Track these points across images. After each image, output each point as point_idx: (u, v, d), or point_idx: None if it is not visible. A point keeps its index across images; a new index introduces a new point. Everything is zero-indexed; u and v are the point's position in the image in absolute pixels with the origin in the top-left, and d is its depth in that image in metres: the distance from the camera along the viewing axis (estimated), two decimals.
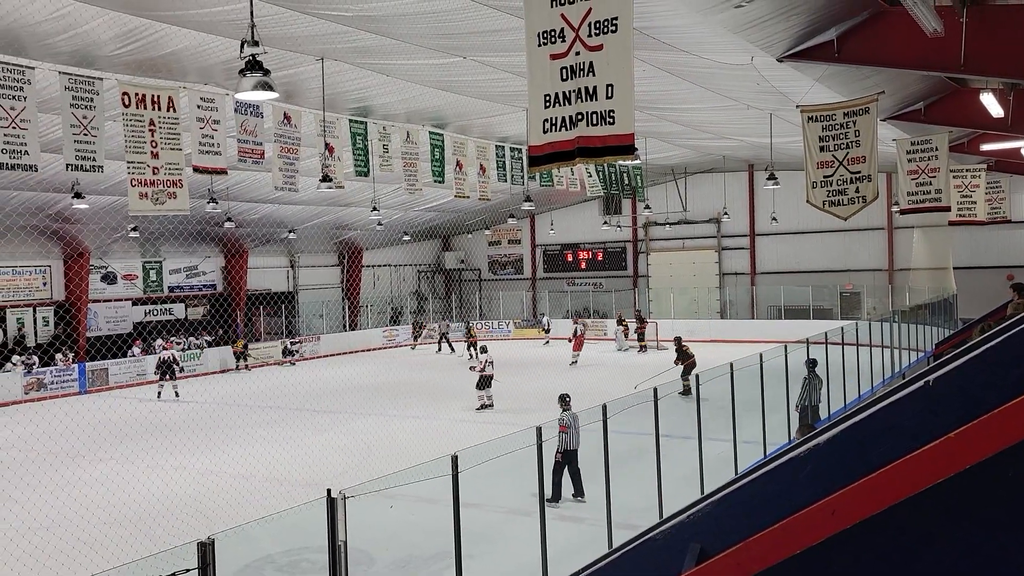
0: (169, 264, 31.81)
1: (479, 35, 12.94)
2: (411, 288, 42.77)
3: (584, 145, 6.21)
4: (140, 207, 13.33)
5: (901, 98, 15.92)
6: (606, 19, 6.01)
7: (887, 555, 2.35)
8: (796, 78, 14.23)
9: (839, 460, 2.49)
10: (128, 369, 27.05)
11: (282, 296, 35.92)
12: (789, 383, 14.60)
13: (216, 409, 21.18)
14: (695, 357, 20.75)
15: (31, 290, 27.46)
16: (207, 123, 14.18)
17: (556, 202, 37.70)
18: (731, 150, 30.13)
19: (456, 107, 19.36)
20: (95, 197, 21.04)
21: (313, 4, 11.42)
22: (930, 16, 9.11)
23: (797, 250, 35.58)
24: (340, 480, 11.77)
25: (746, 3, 10.16)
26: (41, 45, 12.10)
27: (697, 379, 12.25)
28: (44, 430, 16.19)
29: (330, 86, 15.44)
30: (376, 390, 23.80)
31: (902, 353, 21.61)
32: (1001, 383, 2.15)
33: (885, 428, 2.41)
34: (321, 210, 30.70)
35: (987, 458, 2.11)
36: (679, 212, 36.49)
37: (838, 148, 12.05)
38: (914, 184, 16.66)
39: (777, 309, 35.10)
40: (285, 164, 16.23)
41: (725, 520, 2.74)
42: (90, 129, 12.62)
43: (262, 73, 8.41)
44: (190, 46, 13.09)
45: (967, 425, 2.14)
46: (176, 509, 12.17)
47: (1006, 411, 2.10)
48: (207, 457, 15.39)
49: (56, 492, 13.05)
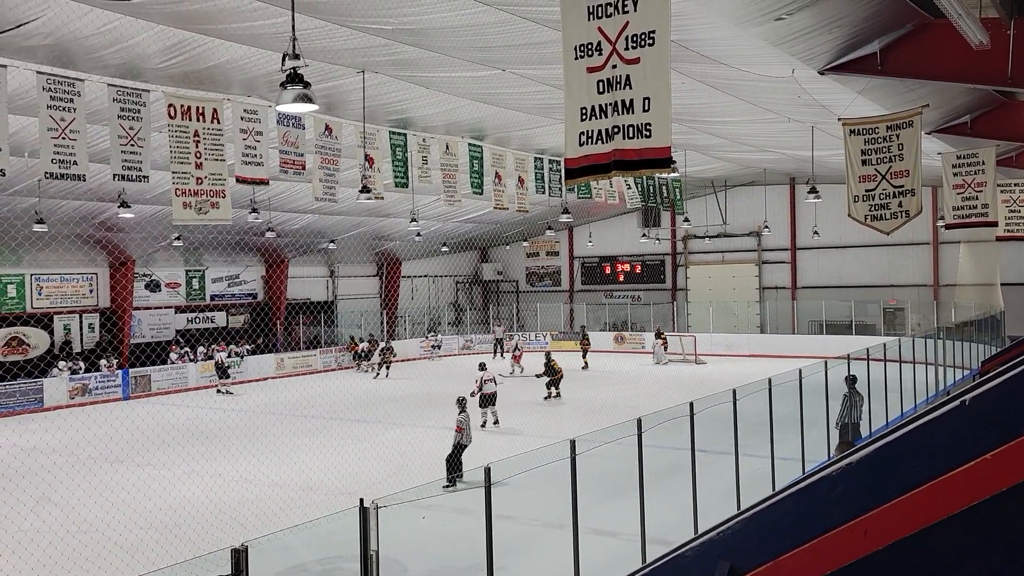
0: (211, 273, 32.36)
1: (518, 48, 13.00)
2: (449, 299, 42.93)
3: (620, 158, 6.18)
4: (184, 216, 13.57)
5: (947, 111, 15.63)
6: (643, 32, 5.99)
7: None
8: (838, 91, 14.06)
9: (872, 480, 2.44)
10: (170, 376, 27.50)
11: (321, 305, 36.29)
12: (829, 399, 14.36)
13: (253, 417, 21.42)
14: (562, 372, 22.93)
15: (78, 297, 28.11)
16: (250, 134, 14.41)
17: (595, 214, 37.63)
18: (772, 163, 29.83)
19: (495, 119, 19.45)
20: (140, 206, 21.49)
21: (354, 17, 11.57)
22: (975, 28, 8.94)
23: (839, 264, 35.06)
24: (375, 490, 11.82)
25: (787, 16, 10.07)
26: (90, 58, 12.41)
27: (734, 394, 12.10)
28: (87, 435, 16.50)
29: (370, 98, 15.62)
30: (412, 400, 23.89)
31: (947, 371, 21.16)
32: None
33: (919, 448, 2.35)
34: (360, 221, 31.00)
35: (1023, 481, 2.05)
36: (719, 225, 36.21)
37: (881, 162, 11.85)
38: (960, 198, 16.32)
39: (818, 324, 34.59)
40: (325, 175, 16.43)
41: (755, 538, 2.70)
42: (136, 140, 12.90)
43: (303, 86, 8.53)
44: (234, 59, 13.33)
45: (1003, 446, 2.08)
46: (212, 515, 12.32)
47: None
48: (244, 464, 15.57)
49: (96, 496, 13.28)
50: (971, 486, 2.13)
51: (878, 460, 2.46)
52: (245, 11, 11.06)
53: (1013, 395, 2.20)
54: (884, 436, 2.62)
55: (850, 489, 2.48)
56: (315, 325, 35.72)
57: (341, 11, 11.28)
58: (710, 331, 34.52)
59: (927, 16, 10.55)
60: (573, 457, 8.15)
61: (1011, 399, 2.18)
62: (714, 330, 34.72)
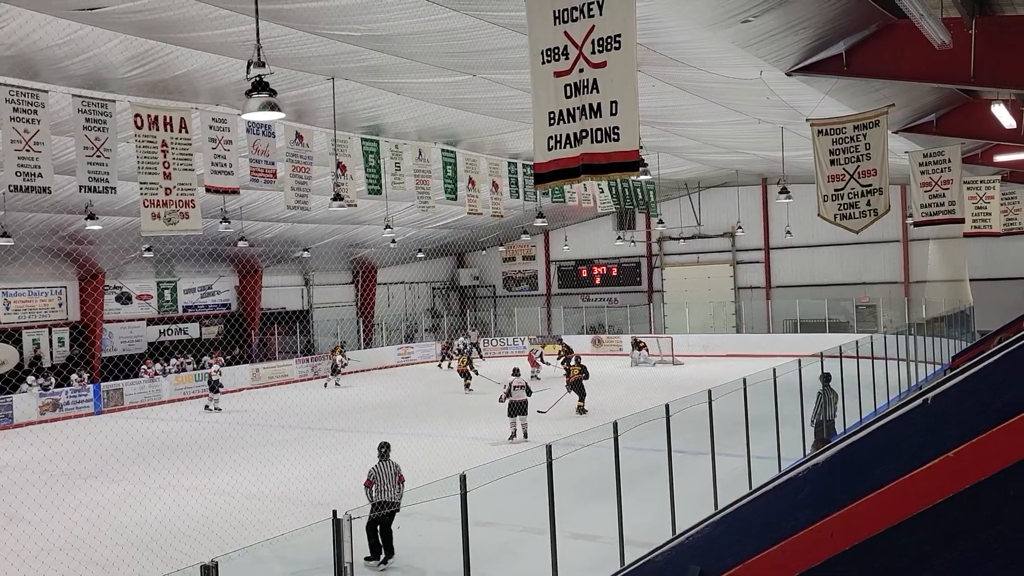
0: (183, 284, 32.02)
1: (488, 53, 12.99)
2: (426, 305, 42.81)
3: (589, 162, 6.19)
4: (153, 228, 13.42)
5: (913, 110, 15.83)
6: (609, 36, 6.01)
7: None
8: (806, 92, 14.19)
9: (838, 480, 2.45)
10: (143, 389, 27.16)
11: (297, 314, 36.04)
12: (804, 397, 14.46)
13: (229, 428, 21.21)
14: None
15: (47, 311, 27.69)
16: (219, 143, 14.28)
17: (570, 218, 37.71)
18: (744, 164, 30.06)
19: (468, 124, 19.43)
20: (109, 218, 21.22)
21: (322, 25, 11.51)
22: (937, 28, 9.06)
23: (812, 263, 35.38)
24: (351, 500, 11.73)
25: (753, 18, 10.14)
26: (54, 68, 12.25)
27: (710, 394, 12.14)
28: (58, 451, 16.25)
29: (341, 105, 15.54)
30: (389, 408, 23.78)
31: (919, 366, 21.40)
32: (999, 401, 2.11)
33: (884, 448, 2.36)
34: (334, 228, 30.83)
35: (986, 478, 2.06)
36: (693, 227, 36.41)
37: (849, 161, 11.98)
38: (927, 196, 16.55)
39: (793, 323, 34.87)
40: (297, 183, 16.32)
41: (724, 542, 2.70)
42: (103, 151, 12.73)
43: (269, 93, 8.47)
44: (202, 67, 13.21)
45: (965, 444, 2.09)
46: (188, 530, 12.16)
47: (1004, 430, 2.05)
48: (220, 477, 15.40)
49: (69, 513, 13.08)
50: (934, 485, 2.14)
51: (843, 461, 2.46)
52: (211, 19, 10.96)
53: (972, 393, 2.21)
54: (849, 436, 2.63)
55: (817, 490, 2.48)
56: (291, 335, 35.46)
57: (309, 18, 11.22)
58: (686, 332, 34.68)
59: (891, 17, 10.68)
60: (549, 462, 8.14)
61: (971, 397, 2.19)
62: (690, 331, 34.88)
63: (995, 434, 2.06)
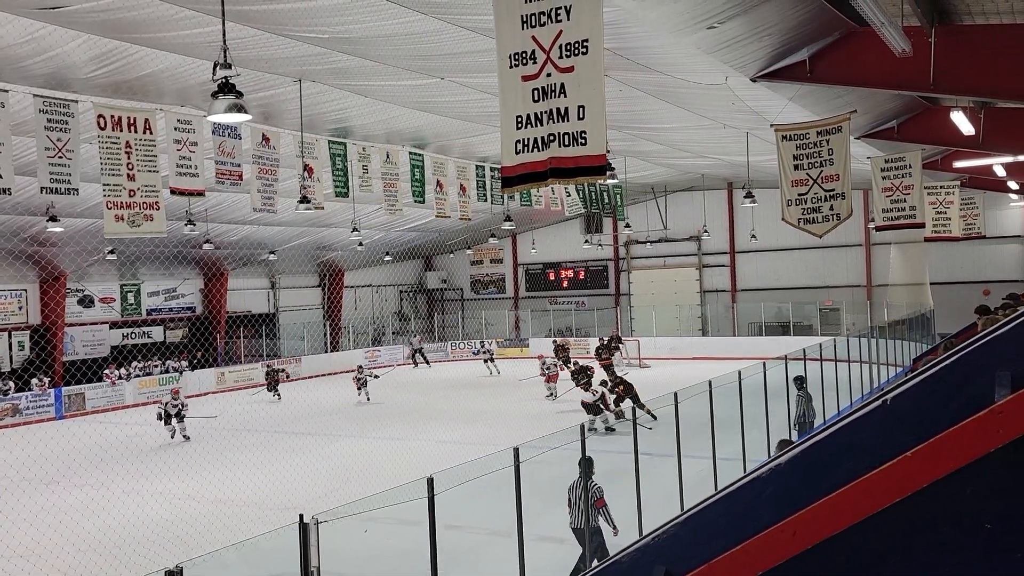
0: (147, 287, 31.58)
1: (456, 56, 13.01)
2: (393, 308, 42.64)
3: (556, 166, 6.23)
4: (116, 230, 13.24)
5: (874, 116, 16.11)
6: (577, 41, 6.05)
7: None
8: (770, 97, 14.38)
9: (800, 480, 2.49)
10: (106, 393, 26.73)
11: (263, 318, 35.70)
12: (768, 400, 14.64)
13: (194, 433, 20.94)
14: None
15: (6, 314, 27.16)
16: (184, 145, 14.13)
17: (537, 221, 37.81)
18: (710, 168, 30.36)
19: (436, 127, 19.41)
20: (71, 220, 20.88)
21: (289, 26, 11.45)
22: (898, 36, 9.24)
23: (777, 267, 35.81)
24: (319, 503, 11.65)
25: (719, 24, 10.27)
26: (14, 68, 12.05)
27: (676, 397, 12.25)
28: (19, 456, 15.94)
29: (308, 107, 15.45)
30: (356, 412, 23.65)
31: (881, 368, 21.74)
32: (955, 402, 2.16)
33: (845, 447, 2.41)
34: (301, 231, 30.61)
35: (943, 477, 2.12)
36: (660, 230, 36.71)
37: (812, 166, 12.16)
38: (889, 201, 16.83)
39: (758, 326, 35.27)
40: (263, 185, 16.19)
41: (689, 542, 2.73)
42: (65, 152, 12.54)
43: (235, 95, 8.40)
44: (167, 68, 13.07)
45: (922, 444, 2.14)
46: (153, 535, 12.00)
47: (960, 430, 2.11)
48: (184, 482, 15.21)
49: (31, 520, 12.83)
50: (893, 484, 2.19)
51: (805, 461, 2.51)
52: (176, 19, 10.85)
53: (930, 394, 2.27)
54: (812, 437, 2.68)
55: (779, 490, 2.52)
56: (257, 338, 35.11)
57: (276, 20, 11.15)
58: (653, 335, 34.91)
59: (853, 25, 10.87)
60: (517, 464, 8.15)
61: (928, 398, 2.24)
62: (657, 334, 35.12)
63: (951, 434, 2.12)
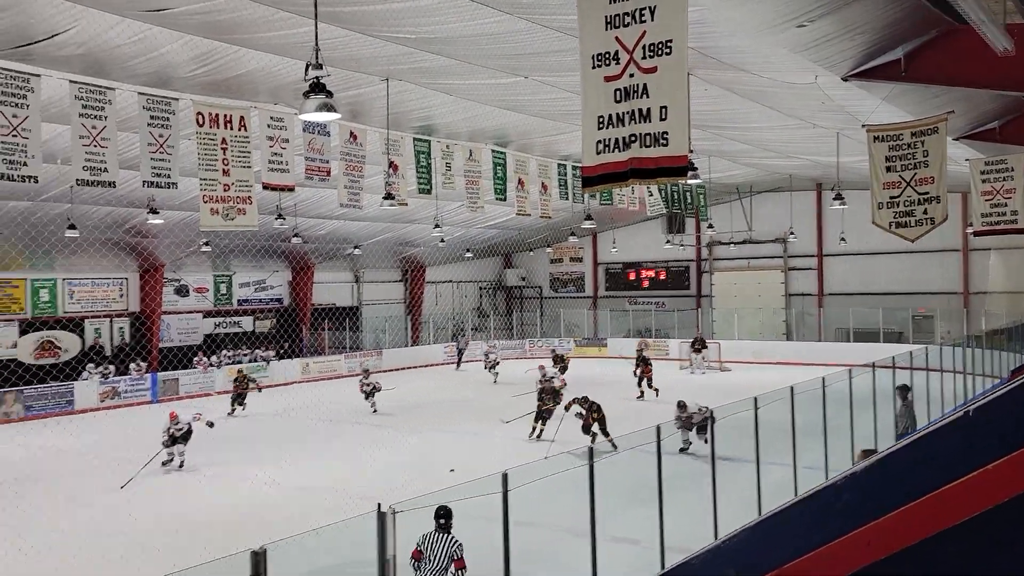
0: (239, 278, 32.72)
1: (540, 55, 13.06)
2: (473, 304, 43.04)
3: (637, 167, 6.20)
4: (211, 223, 13.76)
5: (974, 117, 15.46)
6: (660, 42, 6.01)
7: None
8: (862, 97, 13.97)
9: (876, 490, 2.45)
10: (198, 380, 27.81)
11: (346, 311, 36.53)
12: (853, 408, 14.24)
13: (279, 421, 21.60)
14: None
15: (108, 301, 28.53)
16: (276, 141, 14.58)
17: (618, 220, 37.57)
18: (797, 169, 29.62)
19: (518, 126, 19.52)
20: (169, 213, 21.79)
21: (377, 27, 11.70)
22: (1000, 35, 8.86)
23: (867, 271, 34.68)
24: (397, 494, 11.91)
25: (808, 23, 10.04)
26: (121, 67, 12.64)
27: (756, 402, 12.04)
28: (117, 438, 16.76)
29: (394, 105, 15.75)
30: (434, 407, 23.98)
31: (975, 379, 20.87)
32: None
33: (922, 459, 2.37)
34: (385, 227, 31.20)
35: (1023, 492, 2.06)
36: (744, 231, 36.01)
37: (905, 168, 11.76)
38: (988, 205, 16.12)
39: (845, 332, 34.25)
40: (350, 181, 16.58)
41: (760, 547, 2.73)
42: (166, 147, 13.10)
43: (326, 95, 8.65)
44: (261, 67, 13.51)
45: (1003, 458, 2.09)
46: (238, 518, 12.46)
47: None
48: (269, 467, 15.72)
49: (125, 497, 13.48)
50: (971, 498, 2.15)
51: (882, 471, 2.47)
52: (272, 21, 11.22)
53: (1016, 406, 2.21)
54: (890, 448, 2.63)
55: (854, 499, 2.49)
56: (340, 330, 35.96)
57: (364, 21, 11.41)
58: (735, 338, 34.31)
59: (951, 22, 10.47)
60: (591, 464, 8.17)
61: (1013, 410, 2.19)
62: (739, 337, 34.50)
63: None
